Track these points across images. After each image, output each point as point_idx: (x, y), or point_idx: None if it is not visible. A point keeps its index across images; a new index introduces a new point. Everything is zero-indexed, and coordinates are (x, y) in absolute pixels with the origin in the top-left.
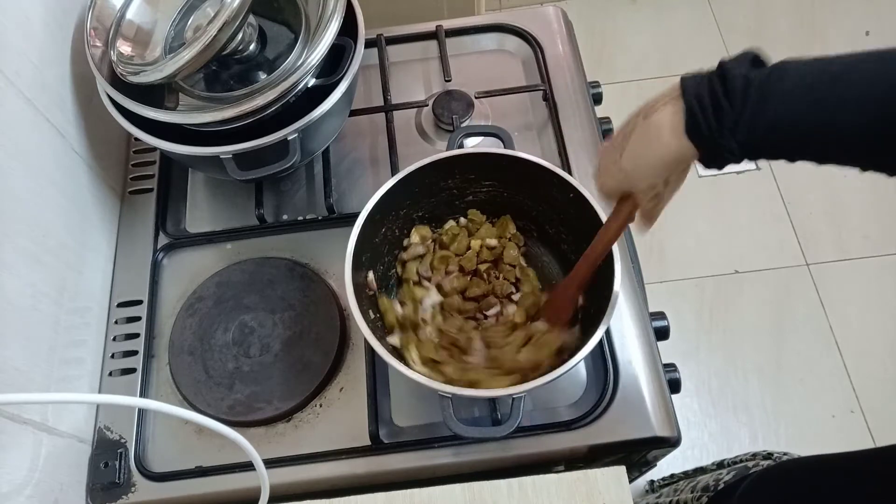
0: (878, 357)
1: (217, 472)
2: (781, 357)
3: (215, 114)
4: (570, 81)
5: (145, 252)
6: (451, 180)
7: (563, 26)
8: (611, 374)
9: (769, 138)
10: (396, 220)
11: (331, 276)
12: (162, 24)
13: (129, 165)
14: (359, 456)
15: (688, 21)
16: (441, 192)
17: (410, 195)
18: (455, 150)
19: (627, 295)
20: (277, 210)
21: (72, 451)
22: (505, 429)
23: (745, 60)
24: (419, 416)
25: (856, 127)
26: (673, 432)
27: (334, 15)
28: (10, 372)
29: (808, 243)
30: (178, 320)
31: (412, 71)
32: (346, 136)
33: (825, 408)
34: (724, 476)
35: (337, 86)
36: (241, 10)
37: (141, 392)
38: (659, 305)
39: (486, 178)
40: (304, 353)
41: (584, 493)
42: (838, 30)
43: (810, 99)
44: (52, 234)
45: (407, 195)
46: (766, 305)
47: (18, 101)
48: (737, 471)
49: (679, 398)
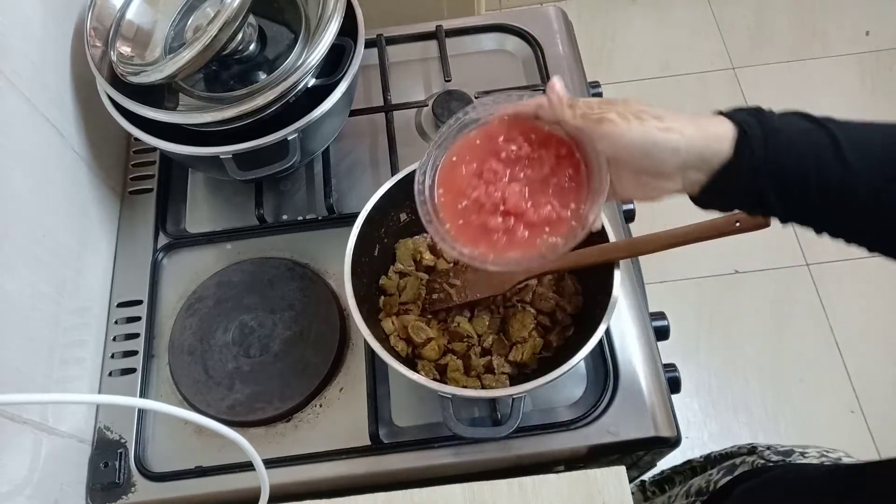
0: (878, 357)
1: (217, 472)
2: (781, 357)
3: (215, 114)
4: (570, 81)
5: (145, 252)
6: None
7: (563, 26)
8: (611, 375)
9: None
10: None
11: (331, 276)
12: (162, 25)
13: (129, 165)
14: (359, 456)
15: (688, 21)
16: None
17: (410, 195)
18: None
19: (627, 295)
20: (277, 210)
21: (72, 451)
22: (505, 429)
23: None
24: (419, 416)
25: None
26: (673, 432)
27: (334, 15)
28: (10, 372)
29: (808, 243)
30: (178, 320)
31: (412, 71)
32: (346, 136)
33: (825, 408)
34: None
35: (337, 86)
36: (241, 10)
37: (141, 392)
38: (659, 305)
39: None
40: (304, 353)
41: (584, 493)
42: (838, 30)
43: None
44: (52, 234)
45: (406, 195)
46: (766, 305)
47: (18, 100)
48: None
49: (679, 398)
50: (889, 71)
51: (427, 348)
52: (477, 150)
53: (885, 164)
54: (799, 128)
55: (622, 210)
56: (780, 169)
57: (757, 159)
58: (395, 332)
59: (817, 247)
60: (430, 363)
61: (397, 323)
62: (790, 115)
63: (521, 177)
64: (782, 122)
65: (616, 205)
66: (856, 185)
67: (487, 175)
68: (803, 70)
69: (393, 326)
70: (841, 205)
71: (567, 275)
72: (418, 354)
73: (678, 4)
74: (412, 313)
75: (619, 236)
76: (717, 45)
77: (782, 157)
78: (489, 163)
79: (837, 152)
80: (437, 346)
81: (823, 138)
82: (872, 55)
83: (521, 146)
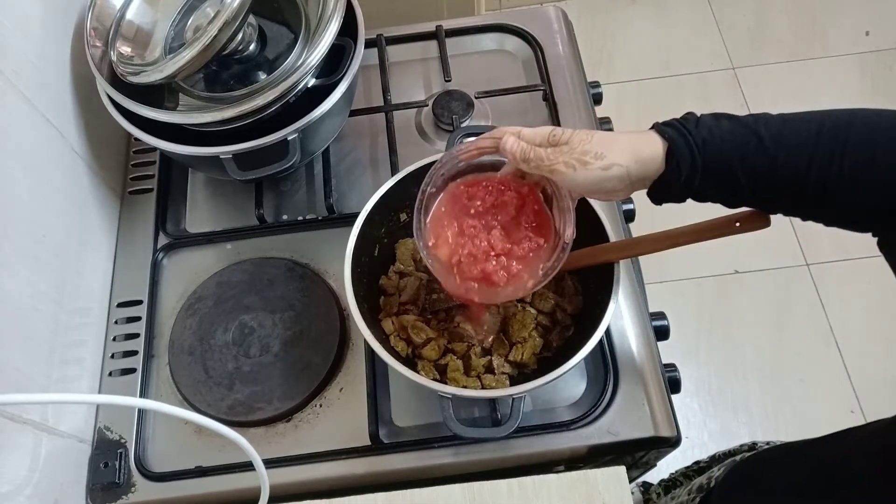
0: (878, 357)
1: (217, 472)
2: (781, 357)
3: (215, 114)
4: (570, 81)
5: (145, 252)
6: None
7: (563, 26)
8: (611, 375)
9: (726, 146)
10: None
11: (331, 276)
12: (162, 25)
13: (129, 165)
14: (359, 456)
15: (688, 21)
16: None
17: (410, 196)
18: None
19: (627, 295)
20: (277, 210)
21: (72, 451)
22: (505, 429)
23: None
24: (419, 416)
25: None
26: (673, 432)
27: (334, 15)
28: (10, 372)
29: (808, 243)
30: (178, 320)
31: (412, 71)
32: (346, 136)
33: (825, 408)
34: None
35: (337, 86)
36: (241, 10)
37: (141, 392)
38: (659, 305)
39: None
40: (304, 353)
41: (584, 493)
42: (838, 30)
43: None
44: (52, 234)
45: (407, 195)
46: (766, 305)
47: (18, 101)
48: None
49: (679, 398)
50: (889, 71)
51: (427, 348)
52: (450, 214)
53: (803, 150)
54: (723, 135)
55: (622, 210)
56: (711, 174)
57: (685, 173)
58: (395, 332)
59: (817, 247)
60: (430, 363)
61: (397, 323)
62: (716, 122)
63: (496, 223)
64: (709, 132)
65: (616, 205)
66: (782, 174)
67: (469, 231)
68: (803, 70)
69: (393, 326)
70: (772, 192)
71: (567, 275)
72: (418, 354)
73: (678, 4)
74: (412, 313)
75: (618, 236)
76: (717, 45)
77: (710, 162)
78: (465, 221)
79: (760, 148)
80: (437, 346)
81: (748, 137)
82: (872, 55)
83: (485, 199)
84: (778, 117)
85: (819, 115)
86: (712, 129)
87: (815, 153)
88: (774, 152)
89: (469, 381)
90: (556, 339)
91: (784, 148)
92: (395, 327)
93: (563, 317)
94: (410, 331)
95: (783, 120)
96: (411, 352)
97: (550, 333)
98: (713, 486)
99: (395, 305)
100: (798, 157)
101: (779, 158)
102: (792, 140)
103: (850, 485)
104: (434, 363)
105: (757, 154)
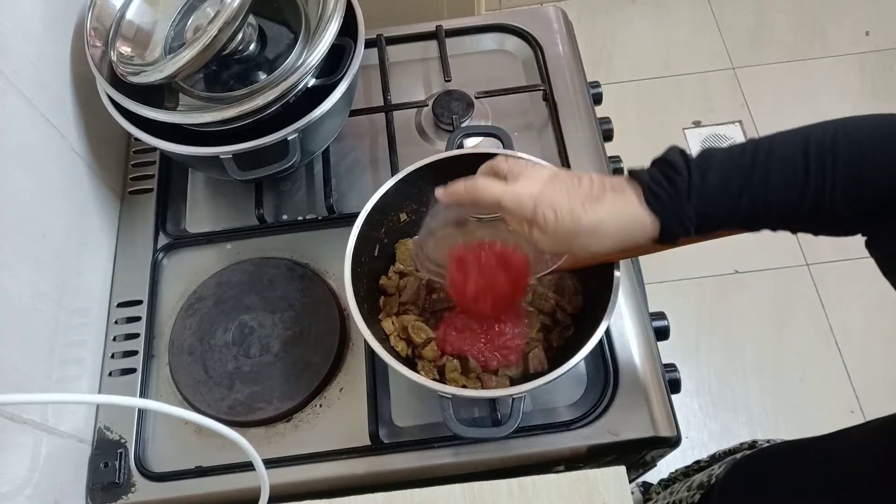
0: (878, 357)
1: (217, 472)
2: (781, 357)
3: (215, 114)
4: (570, 81)
5: (145, 252)
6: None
7: (563, 26)
8: (611, 375)
9: (717, 205)
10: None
11: (331, 276)
12: (162, 25)
13: (129, 165)
14: (359, 456)
15: (688, 21)
16: None
17: (410, 195)
18: (455, 150)
19: (627, 295)
20: (277, 210)
21: (72, 451)
22: (505, 429)
23: (675, 150)
24: (419, 416)
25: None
26: (673, 432)
27: (334, 15)
28: (10, 372)
29: (808, 243)
30: (178, 320)
31: (412, 71)
32: (346, 136)
33: (825, 408)
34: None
35: (337, 86)
36: (241, 10)
37: (141, 392)
38: (659, 305)
39: None
40: (304, 353)
41: (584, 493)
42: (838, 30)
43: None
44: (52, 234)
45: (406, 195)
46: (766, 305)
47: (18, 101)
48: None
49: (679, 398)
50: (889, 71)
51: (427, 348)
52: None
53: (792, 187)
54: (712, 196)
55: None
56: (704, 231)
57: (683, 233)
58: (395, 332)
59: (817, 247)
60: (429, 363)
61: (397, 323)
62: (702, 181)
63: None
64: (700, 200)
65: None
66: (775, 213)
67: (469, 268)
68: (803, 70)
69: (393, 326)
70: (765, 225)
71: (567, 275)
72: (418, 354)
73: (678, 4)
74: (412, 313)
75: None
76: (717, 45)
77: (704, 227)
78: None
79: (751, 198)
80: (437, 346)
81: (737, 191)
82: (872, 55)
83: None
84: (764, 147)
85: (803, 140)
86: (703, 195)
87: (806, 188)
88: (764, 199)
89: (469, 381)
90: (556, 339)
91: (773, 193)
92: (395, 327)
93: (563, 317)
94: (410, 331)
95: (768, 153)
96: (411, 352)
97: (550, 333)
98: (714, 483)
99: (395, 305)
100: (789, 191)
101: (771, 206)
102: (780, 178)
103: (849, 483)
104: (434, 363)
105: (750, 204)
